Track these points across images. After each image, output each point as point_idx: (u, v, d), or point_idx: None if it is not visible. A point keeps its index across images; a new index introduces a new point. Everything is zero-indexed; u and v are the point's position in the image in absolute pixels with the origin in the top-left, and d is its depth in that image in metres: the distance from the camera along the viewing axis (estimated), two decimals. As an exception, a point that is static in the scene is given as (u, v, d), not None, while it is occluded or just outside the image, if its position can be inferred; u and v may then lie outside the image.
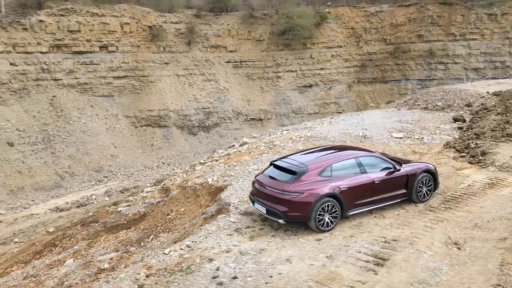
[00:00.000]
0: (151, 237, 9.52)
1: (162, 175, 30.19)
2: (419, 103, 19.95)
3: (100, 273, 7.65)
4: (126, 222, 11.06)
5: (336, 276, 5.21)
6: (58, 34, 34.55)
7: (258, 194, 8.00)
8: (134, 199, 14.07)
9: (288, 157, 8.62)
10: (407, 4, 45.44)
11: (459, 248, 6.03)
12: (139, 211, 11.58)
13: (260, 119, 42.25)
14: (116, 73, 37.21)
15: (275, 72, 43.66)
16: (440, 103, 19.30)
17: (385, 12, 45.79)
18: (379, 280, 5.11)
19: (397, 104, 21.76)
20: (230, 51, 43.05)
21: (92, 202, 28.01)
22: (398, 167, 8.47)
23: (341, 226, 7.52)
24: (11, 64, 31.88)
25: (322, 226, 7.46)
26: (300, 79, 44.35)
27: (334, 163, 7.99)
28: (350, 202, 7.75)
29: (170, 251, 6.44)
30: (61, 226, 19.23)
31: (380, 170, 8.23)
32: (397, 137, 13.59)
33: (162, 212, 10.47)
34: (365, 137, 13.71)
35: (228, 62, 42.86)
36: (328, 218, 7.50)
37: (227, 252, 6.31)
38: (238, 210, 8.33)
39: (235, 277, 5.38)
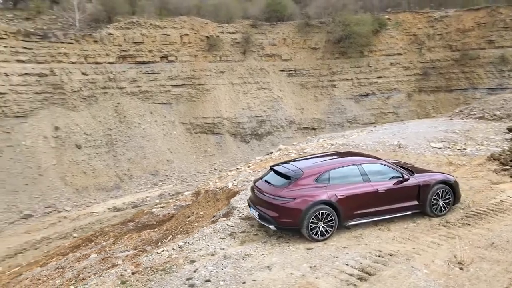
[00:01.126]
0: (169, 237, 9.84)
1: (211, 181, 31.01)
2: (475, 112, 18.47)
3: (111, 268, 8.09)
4: (155, 223, 11.58)
5: (312, 288, 5.04)
6: (124, 46, 37.25)
7: (254, 199, 7.87)
8: (169, 201, 14.66)
9: (290, 162, 8.34)
10: (476, 8, 42.37)
11: (461, 269, 5.48)
12: (169, 213, 12.07)
13: (313, 128, 41.74)
14: (175, 82, 39.15)
15: (330, 80, 42.99)
16: (498, 112, 17.69)
17: (451, 17, 43.13)
18: (356, 295, 4.85)
19: (452, 114, 20.32)
20: (285, 60, 43.27)
21: (146, 204, 29.56)
22: (407, 177, 7.87)
23: (338, 236, 7.16)
24: (82, 73, 34.95)
25: (315, 235, 7.08)
26: (356, 88, 43.20)
27: (333, 169, 7.58)
28: (349, 211, 7.31)
29: (162, 251, 6.64)
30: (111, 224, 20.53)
31: (388, 179, 7.69)
32: (435, 147, 12.71)
33: (184, 214, 10.82)
34: (399, 146, 13.02)
35: (282, 70, 43.10)
36: (323, 227, 7.11)
37: (212, 255, 6.34)
38: (240, 215, 8.33)
39: (208, 280, 5.37)
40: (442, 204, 8.02)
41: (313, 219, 7.01)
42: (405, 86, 43.78)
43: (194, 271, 5.60)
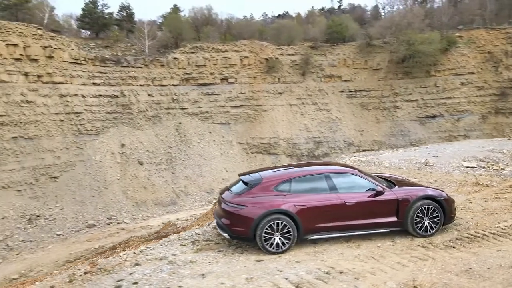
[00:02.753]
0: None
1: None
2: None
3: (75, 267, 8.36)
4: (171, 233, 11.88)
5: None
6: (188, 69, 39.48)
7: (217, 207, 7.58)
8: (194, 215, 14.90)
9: (260, 171, 7.88)
10: None
11: (413, 293, 4.81)
12: (188, 225, 12.31)
13: (373, 151, 39.94)
14: (234, 103, 40.35)
15: (393, 101, 41.17)
16: None
17: (532, 32, 39.25)
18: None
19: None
20: (345, 81, 42.50)
21: (198, 220, 30.34)
22: (381, 189, 7.02)
23: (299, 250, 6.60)
24: (148, 95, 37.59)
25: (270, 246, 6.57)
26: (421, 109, 40.77)
27: (296, 177, 7.08)
28: (310, 224, 6.71)
29: (124, 254, 6.72)
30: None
31: (360, 191, 6.98)
32: (467, 166, 11.51)
33: (197, 223, 10.95)
34: (426, 165, 12.19)
35: (342, 91, 42.32)
36: (279, 239, 6.58)
37: (160, 260, 6.28)
38: (214, 224, 8.10)
39: (135, 283, 5.29)
40: (428, 222, 7.07)
41: (267, 229, 6.55)
42: (479, 107, 40.33)
43: (130, 274, 5.58)
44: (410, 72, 40.45)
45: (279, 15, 61.64)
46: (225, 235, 6.95)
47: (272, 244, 6.58)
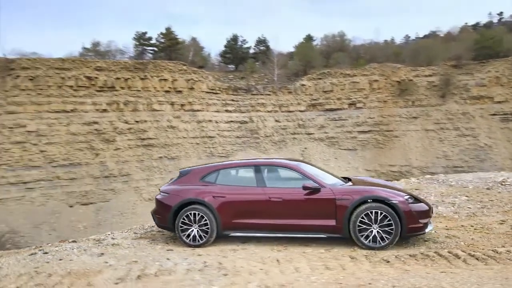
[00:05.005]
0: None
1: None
2: None
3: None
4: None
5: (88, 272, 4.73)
6: (315, 95, 39.96)
7: None
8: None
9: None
10: None
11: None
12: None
13: (536, 185, 32.44)
14: (361, 128, 38.74)
15: None
16: None
17: None
18: None
19: None
20: (498, 102, 36.27)
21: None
22: (315, 186, 5.80)
23: (218, 246, 6.02)
24: (275, 120, 39.33)
25: (187, 238, 6.05)
26: None
27: (223, 169, 6.51)
28: (228, 218, 6.00)
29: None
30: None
31: (294, 187, 5.89)
32: None
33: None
34: (501, 184, 9.72)
35: (493, 114, 36.17)
36: (197, 231, 6.02)
37: (97, 241, 6.52)
38: None
39: (46, 252, 5.47)
40: (378, 232, 5.50)
41: (184, 219, 6.08)
42: None
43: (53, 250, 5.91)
44: None
45: (424, 35, 57.14)
46: (155, 223, 6.77)
47: (189, 235, 6.10)
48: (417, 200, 5.90)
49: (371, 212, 5.57)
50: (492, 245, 5.41)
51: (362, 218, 5.59)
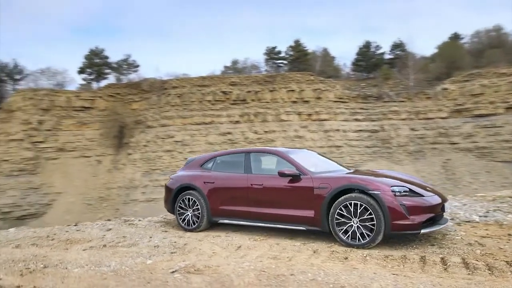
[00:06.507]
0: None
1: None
2: None
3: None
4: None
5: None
6: (460, 99, 35.14)
7: None
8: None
9: None
10: None
11: None
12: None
13: None
14: (522, 136, 32.19)
15: None
16: None
17: None
18: None
19: None
20: None
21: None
22: (295, 172, 5.27)
23: (214, 231, 5.94)
24: (411, 129, 35.98)
25: (183, 222, 6.21)
26: None
27: (220, 156, 6.60)
28: (216, 205, 5.96)
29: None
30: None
31: (276, 175, 5.41)
32: None
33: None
34: None
35: None
36: (191, 216, 6.11)
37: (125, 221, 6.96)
38: None
39: (76, 225, 6.03)
40: (358, 227, 4.64)
41: (181, 203, 6.26)
42: None
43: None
44: None
45: None
46: None
47: (184, 219, 6.22)
48: (414, 193, 4.77)
49: (350, 204, 4.77)
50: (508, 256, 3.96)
51: (341, 210, 4.83)
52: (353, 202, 4.76)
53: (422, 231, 4.56)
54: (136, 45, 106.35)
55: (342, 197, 4.86)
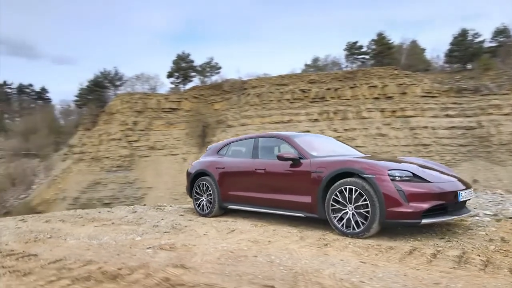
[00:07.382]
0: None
1: None
2: None
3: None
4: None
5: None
6: None
7: None
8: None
9: None
10: None
11: None
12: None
13: None
14: None
15: None
16: None
17: None
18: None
19: None
20: None
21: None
22: (295, 156, 4.95)
23: (225, 217, 5.89)
24: (515, 125, 31.63)
25: (198, 207, 6.24)
26: None
27: (234, 142, 6.52)
28: (225, 190, 5.90)
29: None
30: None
31: (279, 159, 5.08)
32: None
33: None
34: None
35: None
36: (206, 201, 6.14)
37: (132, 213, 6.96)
38: None
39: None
40: (353, 213, 4.19)
41: (196, 189, 6.31)
42: None
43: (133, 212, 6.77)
44: None
45: None
46: None
47: (199, 205, 6.25)
48: (418, 178, 4.08)
49: (345, 189, 4.28)
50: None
51: (336, 196, 4.36)
52: (348, 187, 4.28)
53: (424, 221, 3.89)
54: (219, 48, 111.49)
55: (338, 182, 4.41)
